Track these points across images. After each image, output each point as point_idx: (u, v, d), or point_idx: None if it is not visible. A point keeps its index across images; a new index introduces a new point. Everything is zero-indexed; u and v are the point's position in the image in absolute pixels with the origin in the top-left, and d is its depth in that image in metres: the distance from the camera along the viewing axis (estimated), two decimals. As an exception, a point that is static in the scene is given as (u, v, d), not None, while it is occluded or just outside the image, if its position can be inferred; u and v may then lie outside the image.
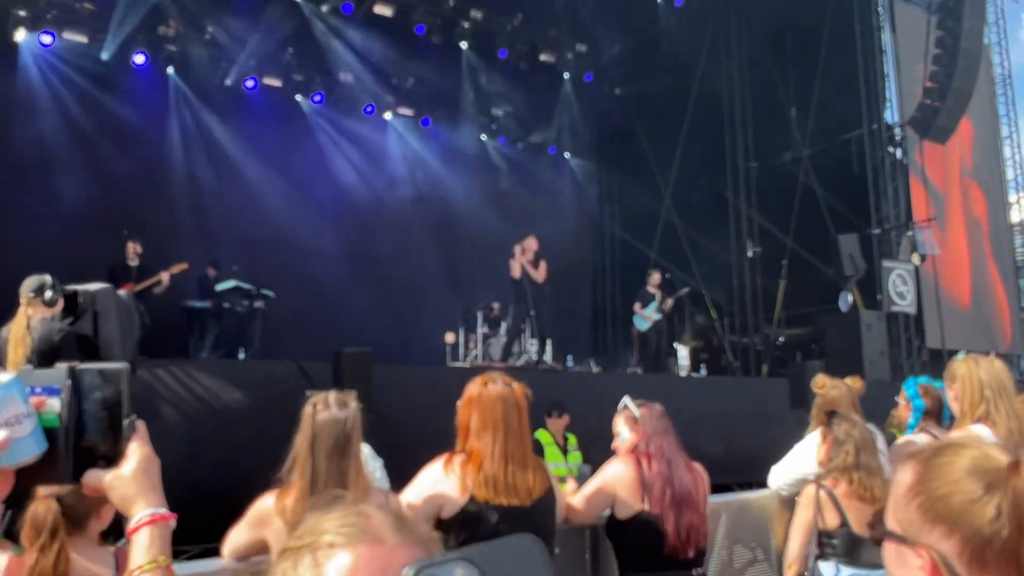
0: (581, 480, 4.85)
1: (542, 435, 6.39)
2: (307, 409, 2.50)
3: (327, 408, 2.48)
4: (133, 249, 9.40)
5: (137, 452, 1.16)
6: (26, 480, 1.10)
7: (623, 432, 3.16)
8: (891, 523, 1.10)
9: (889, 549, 1.10)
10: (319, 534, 0.80)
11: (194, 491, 5.89)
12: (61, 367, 1.15)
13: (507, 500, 2.58)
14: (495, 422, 2.64)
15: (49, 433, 1.11)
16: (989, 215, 15.53)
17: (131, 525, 1.13)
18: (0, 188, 11.14)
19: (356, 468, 2.46)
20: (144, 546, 1.12)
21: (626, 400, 3.17)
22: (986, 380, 3.01)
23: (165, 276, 9.21)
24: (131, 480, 1.14)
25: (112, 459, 1.15)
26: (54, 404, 1.12)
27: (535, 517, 2.60)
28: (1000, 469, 1.02)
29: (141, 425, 1.19)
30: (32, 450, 1.08)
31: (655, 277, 12.14)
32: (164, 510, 1.16)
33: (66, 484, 1.15)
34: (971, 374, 3.06)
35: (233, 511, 2.66)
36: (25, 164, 11.36)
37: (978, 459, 1.04)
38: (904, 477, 1.10)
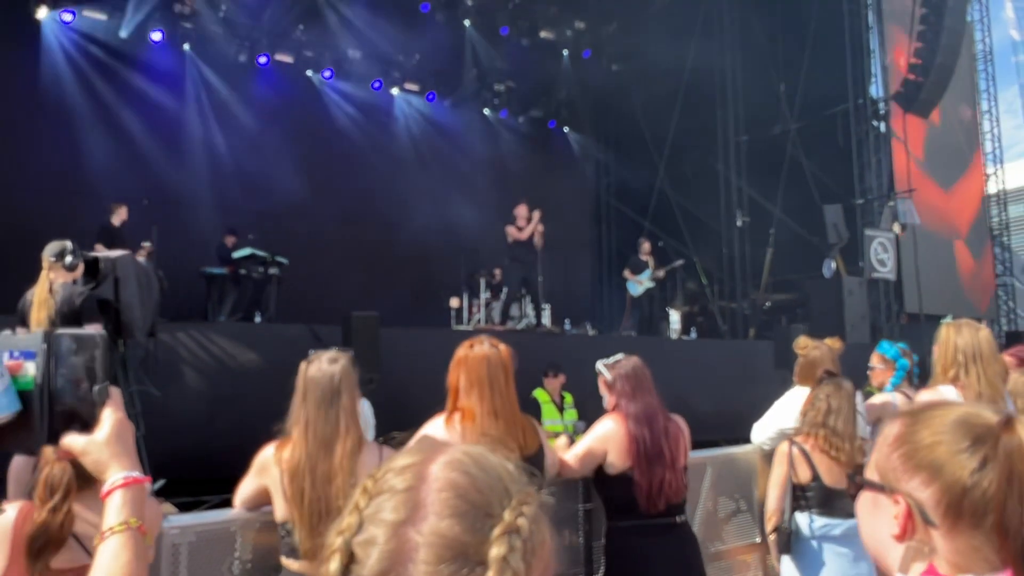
0: (577, 434, 4.89)
1: (539, 394, 6.42)
2: (301, 367, 2.56)
3: (319, 364, 2.54)
4: (119, 215, 9.34)
5: (110, 418, 1.14)
6: (2, 441, 1.09)
7: (605, 395, 3.18)
8: (870, 472, 1.09)
9: (864, 498, 1.09)
10: None
11: (212, 446, 5.95)
12: (38, 332, 1.13)
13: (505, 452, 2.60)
14: (480, 381, 2.68)
15: (25, 396, 1.09)
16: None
17: (105, 488, 1.12)
18: (22, 161, 11.09)
19: (346, 419, 2.49)
20: (117, 508, 1.10)
21: (599, 365, 3.18)
22: (962, 345, 2.98)
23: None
24: (105, 445, 1.12)
25: (87, 424, 1.12)
26: (30, 368, 1.10)
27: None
28: (990, 425, 1.00)
29: (115, 392, 1.16)
30: (3, 408, 1.07)
31: (646, 246, 12.13)
32: (137, 473, 1.14)
33: (41, 447, 1.13)
34: (948, 338, 3.03)
35: (249, 464, 2.69)
36: (46, 138, 11.30)
37: (968, 415, 1.03)
38: (891, 429, 1.08)
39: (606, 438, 3.04)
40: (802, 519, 3.17)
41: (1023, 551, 0.95)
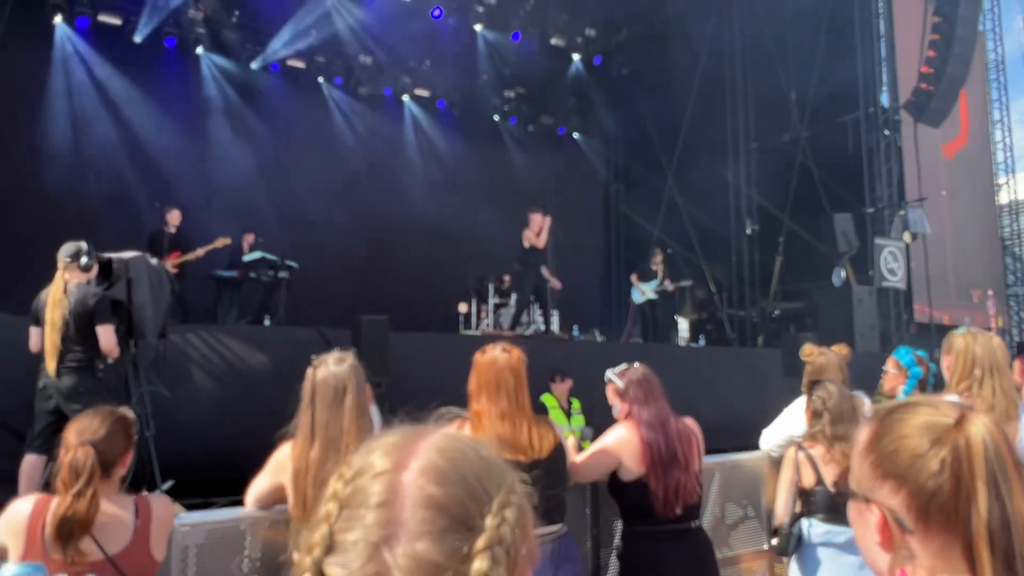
0: (584, 440, 4.88)
1: (547, 399, 6.43)
2: (309, 371, 2.59)
3: (326, 367, 2.57)
4: (173, 219, 9.45)
5: None
6: None
7: (615, 404, 3.17)
8: (851, 481, 1.08)
9: (851, 507, 1.08)
10: None
11: (222, 448, 5.97)
12: None
13: (511, 455, 2.62)
14: (489, 385, 2.73)
15: None
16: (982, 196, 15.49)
17: None
18: (38, 166, 11.20)
19: (351, 417, 2.52)
20: None
21: (608, 374, 3.18)
22: (979, 356, 2.89)
23: (209, 248, 9.33)
24: None
25: None
26: None
27: (536, 475, 2.61)
28: (947, 425, 0.99)
29: None
30: None
31: (658, 256, 12.12)
32: None
33: None
34: (967, 348, 2.93)
35: (257, 466, 2.70)
36: (61, 142, 11.41)
37: (930, 415, 1.01)
38: (861, 436, 1.07)
39: (619, 445, 3.03)
40: (806, 525, 3.16)
41: (971, 552, 0.93)
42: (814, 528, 3.11)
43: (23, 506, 2.19)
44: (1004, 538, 0.92)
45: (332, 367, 2.57)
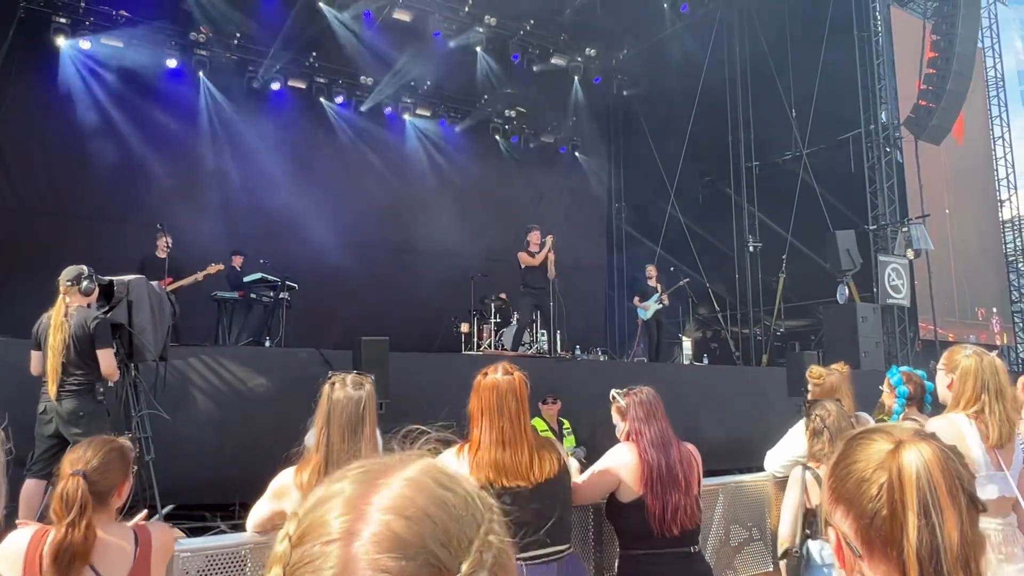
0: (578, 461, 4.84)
1: (537, 422, 6.42)
2: (325, 388, 2.53)
3: (344, 387, 2.52)
4: (164, 243, 9.47)
5: None
6: None
7: (618, 423, 3.17)
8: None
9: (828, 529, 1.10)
10: None
11: (222, 472, 5.96)
12: None
13: (508, 482, 2.59)
14: (489, 409, 2.68)
15: None
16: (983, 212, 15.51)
17: None
18: (39, 188, 11.26)
19: (367, 449, 2.47)
20: None
21: (613, 392, 3.18)
22: (987, 380, 2.88)
23: (201, 276, 9.34)
24: None
25: None
26: None
27: (538, 499, 2.60)
28: (889, 451, 1.00)
29: None
30: None
31: (651, 271, 12.13)
32: None
33: None
34: (976, 370, 2.88)
35: (258, 489, 2.69)
36: (63, 162, 11.47)
37: (883, 442, 1.02)
38: (831, 460, 1.09)
39: (619, 464, 3.02)
40: (814, 546, 3.14)
41: None
42: (824, 550, 3.09)
43: (20, 537, 2.19)
44: (933, 566, 0.93)
45: (351, 390, 2.51)
